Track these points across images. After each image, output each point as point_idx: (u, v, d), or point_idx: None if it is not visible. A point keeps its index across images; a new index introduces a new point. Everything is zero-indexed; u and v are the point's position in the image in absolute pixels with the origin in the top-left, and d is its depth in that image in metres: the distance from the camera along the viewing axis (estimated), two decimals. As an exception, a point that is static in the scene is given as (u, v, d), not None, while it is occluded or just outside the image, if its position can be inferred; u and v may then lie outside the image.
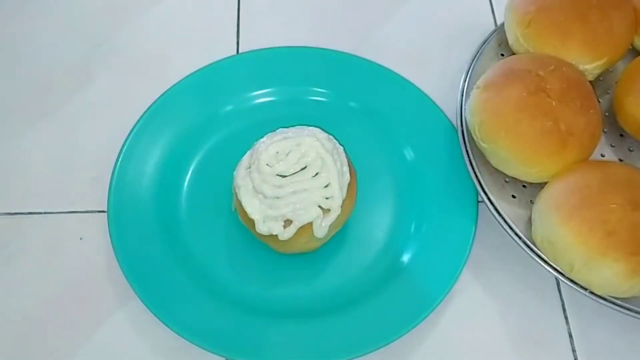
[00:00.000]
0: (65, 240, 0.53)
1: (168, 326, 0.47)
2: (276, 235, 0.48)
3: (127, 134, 0.55)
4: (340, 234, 0.51)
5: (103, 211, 0.52)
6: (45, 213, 0.54)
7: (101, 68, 0.61)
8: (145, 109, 0.56)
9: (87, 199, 0.54)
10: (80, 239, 0.53)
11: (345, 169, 0.49)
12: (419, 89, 0.58)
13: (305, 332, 0.48)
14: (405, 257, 0.52)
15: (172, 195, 0.54)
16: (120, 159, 0.54)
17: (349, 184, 0.49)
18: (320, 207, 0.48)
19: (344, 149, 0.51)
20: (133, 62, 0.62)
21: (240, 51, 0.62)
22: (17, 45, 0.62)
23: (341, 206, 0.48)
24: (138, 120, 0.55)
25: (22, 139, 0.57)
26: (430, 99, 0.57)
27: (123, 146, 0.54)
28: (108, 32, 0.64)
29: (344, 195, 0.49)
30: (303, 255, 0.51)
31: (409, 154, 0.56)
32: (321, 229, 0.48)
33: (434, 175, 0.55)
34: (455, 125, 0.54)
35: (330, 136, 0.50)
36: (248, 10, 0.65)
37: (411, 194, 0.55)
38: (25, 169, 0.56)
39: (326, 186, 0.48)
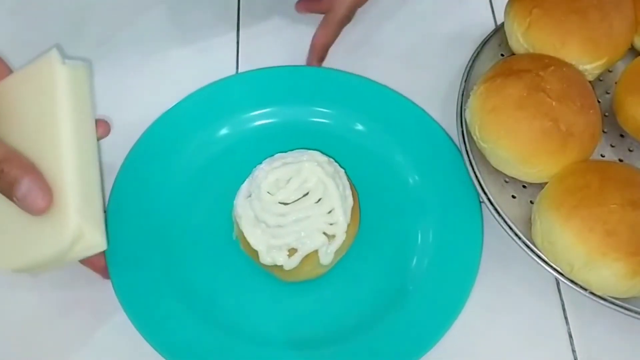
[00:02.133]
0: (65, 241, 0.53)
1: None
2: (281, 265, 0.47)
3: (125, 137, 0.54)
4: (345, 257, 0.50)
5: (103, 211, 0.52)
6: (45, 213, 0.54)
7: (102, 67, 0.61)
8: (144, 116, 0.56)
9: (87, 199, 0.54)
10: (80, 239, 0.53)
11: (348, 192, 0.49)
12: (417, 106, 0.57)
13: None
14: (414, 277, 0.50)
15: (170, 224, 0.52)
16: (115, 187, 0.52)
17: (352, 208, 0.49)
18: (324, 233, 0.47)
19: (345, 172, 0.50)
20: (134, 62, 0.62)
21: (239, 70, 0.61)
22: (17, 46, 0.62)
23: (346, 231, 0.48)
24: (134, 145, 0.54)
25: (22, 139, 0.57)
26: (429, 116, 0.56)
27: (119, 173, 0.53)
28: (109, 32, 0.64)
29: (349, 219, 0.48)
30: (308, 282, 0.50)
31: (411, 171, 0.55)
32: (327, 256, 0.47)
33: (434, 182, 0.54)
34: (455, 125, 0.54)
35: (331, 159, 0.50)
36: (248, 29, 0.64)
37: (414, 209, 0.53)
38: (25, 169, 0.56)
39: (330, 212, 0.47)
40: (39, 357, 0.48)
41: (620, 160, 0.54)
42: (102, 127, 0.46)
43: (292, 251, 0.47)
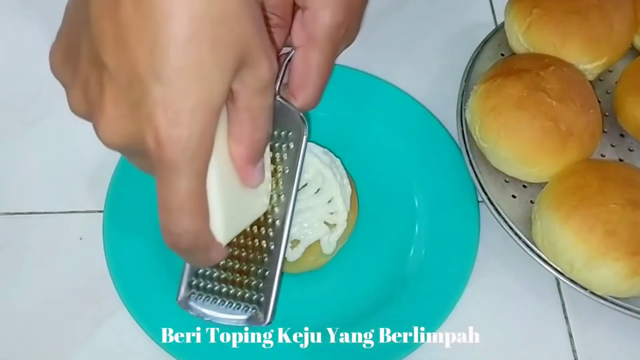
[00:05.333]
0: (65, 240, 0.53)
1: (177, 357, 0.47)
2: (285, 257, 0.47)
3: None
4: (344, 247, 0.50)
5: (103, 211, 0.52)
6: (45, 213, 0.54)
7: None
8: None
9: (87, 199, 0.54)
10: (80, 239, 0.53)
11: (346, 181, 0.49)
12: (417, 101, 0.57)
13: (320, 350, 0.47)
14: (413, 265, 0.51)
15: None
16: (113, 182, 0.52)
17: (350, 196, 0.49)
18: (326, 223, 0.47)
19: (341, 161, 0.50)
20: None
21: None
22: (17, 44, 0.63)
23: (347, 219, 0.48)
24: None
25: (22, 138, 0.57)
26: (429, 111, 0.57)
27: (117, 167, 0.53)
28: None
29: (348, 208, 0.48)
30: (310, 273, 0.50)
31: (407, 160, 0.56)
32: (329, 245, 0.48)
33: (434, 177, 0.54)
34: (456, 125, 0.54)
35: (326, 149, 0.50)
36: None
37: (411, 198, 0.54)
38: (25, 169, 0.56)
39: (329, 201, 0.47)
40: (39, 357, 0.48)
41: (621, 160, 0.54)
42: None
43: (294, 242, 0.47)
